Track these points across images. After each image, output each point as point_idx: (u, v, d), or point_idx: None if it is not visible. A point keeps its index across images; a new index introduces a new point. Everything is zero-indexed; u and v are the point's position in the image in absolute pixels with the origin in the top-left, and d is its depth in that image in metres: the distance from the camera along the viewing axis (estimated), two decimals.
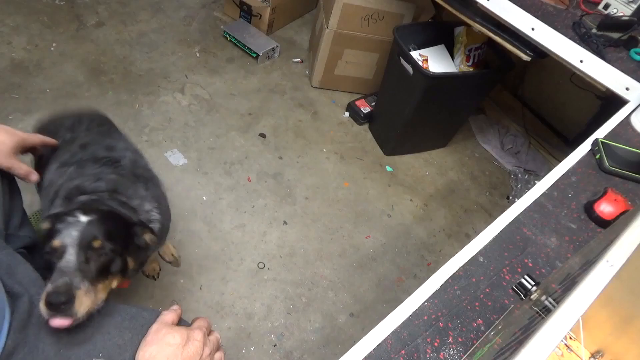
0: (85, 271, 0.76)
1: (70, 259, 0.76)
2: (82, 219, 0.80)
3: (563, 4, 1.42)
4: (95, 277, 0.77)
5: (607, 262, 0.46)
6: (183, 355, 0.66)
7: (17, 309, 0.65)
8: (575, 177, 0.97)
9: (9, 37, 2.07)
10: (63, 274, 0.74)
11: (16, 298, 0.67)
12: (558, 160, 1.15)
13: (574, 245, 0.83)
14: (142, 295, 1.45)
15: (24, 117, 1.78)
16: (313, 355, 1.42)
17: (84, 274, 0.75)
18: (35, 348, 0.64)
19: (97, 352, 0.67)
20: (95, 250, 0.78)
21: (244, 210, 1.74)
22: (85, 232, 0.78)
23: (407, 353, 0.64)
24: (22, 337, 0.63)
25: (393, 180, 2.02)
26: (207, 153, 1.88)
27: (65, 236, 0.77)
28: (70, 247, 0.76)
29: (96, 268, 0.78)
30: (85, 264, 0.77)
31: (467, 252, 0.79)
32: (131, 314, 0.73)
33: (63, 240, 0.77)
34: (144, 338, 0.68)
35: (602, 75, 1.22)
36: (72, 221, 0.79)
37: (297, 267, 1.62)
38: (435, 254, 1.79)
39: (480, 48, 1.90)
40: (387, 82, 2.01)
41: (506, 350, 0.49)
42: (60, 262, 0.75)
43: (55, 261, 0.76)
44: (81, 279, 0.74)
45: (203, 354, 0.68)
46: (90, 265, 0.77)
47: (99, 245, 0.79)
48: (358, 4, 1.99)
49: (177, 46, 2.30)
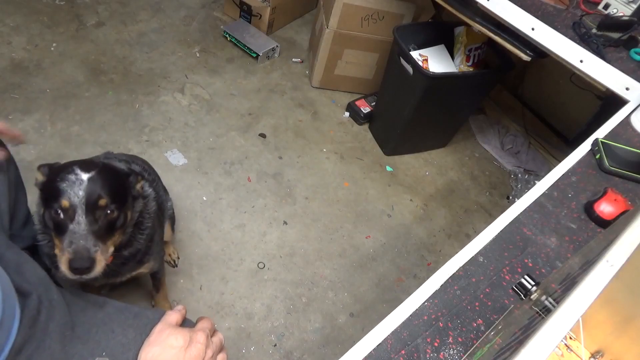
0: (96, 231, 0.80)
1: (81, 220, 0.79)
2: (83, 177, 0.82)
3: (563, 4, 1.42)
4: (104, 235, 0.82)
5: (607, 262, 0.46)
6: (185, 357, 0.66)
7: (27, 307, 0.66)
8: (575, 177, 0.97)
9: (9, 37, 2.07)
10: (77, 236, 0.78)
11: (25, 296, 0.67)
12: (558, 160, 1.15)
13: (574, 245, 0.83)
14: (142, 295, 1.45)
15: (23, 117, 1.78)
16: (313, 355, 1.42)
17: (96, 235, 0.80)
18: (42, 343, 0.64)
19: (101, 351, 0.67)
20: (102, 209, 0.82)
21: (244, 210, 1.74)
22: (89, 191, 0.81)
23: (407, 353, 0.64)
24: (31, 333, 0.64)
25: (393, 180, 2.02)
26: (207, 153, 1.88)
27: (72, 196, 0.80)
28: (79, 208, 0.79)
29: (105, 227, 0.82)
30: (95, 224, 0.81)
31: (467, 252, 0.79)
32: (135, 312, 0.74)
33: (71, 200, 0.79)
34: (147, 338, 0.69)
35: (602, 75, 1.22)
36: (75, 179, 0.81)
37: (297, 267, 1.63)
38: (435, 254, 1.79)
39: (480, 48, 1.90)
40: (387, 82, 2.01)
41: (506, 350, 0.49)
42: (72, 225, 0.79)
43: (66, 222, 0.79)
44: (94, 240, 0.79)
45: (205, 357, 0.68)
46: (99, 225, 0.81)
47: (104, 204, 0.82)
48: (358, 4, 1.99)
49: (177, 46, 2.30)
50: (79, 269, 0.77)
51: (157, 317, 0.72)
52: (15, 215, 1.00)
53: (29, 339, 0.63)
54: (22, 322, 0.63)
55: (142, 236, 1.01)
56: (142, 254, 1.05)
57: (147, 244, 1.04)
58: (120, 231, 0.89)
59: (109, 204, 0.83)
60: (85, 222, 0.79)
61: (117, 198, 0.85)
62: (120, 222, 0.88)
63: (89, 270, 0.78)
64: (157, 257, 1.16)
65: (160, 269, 1.25)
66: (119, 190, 0.88)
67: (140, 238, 1.00)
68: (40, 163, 0.91)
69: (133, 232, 0.98)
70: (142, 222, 1.01)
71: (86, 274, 0.78)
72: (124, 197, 0.89)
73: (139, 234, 1.00)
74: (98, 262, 0.79)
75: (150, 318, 0.73)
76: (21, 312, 0.65)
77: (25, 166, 1.62)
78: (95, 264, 0.78)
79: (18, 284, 0.67)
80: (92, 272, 0.78)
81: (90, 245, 0.79)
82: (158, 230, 1.12)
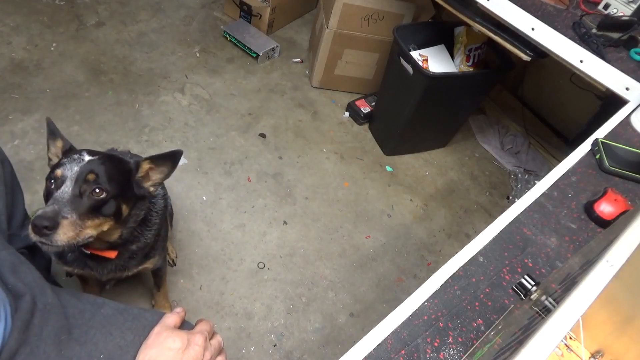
0: (77, 204, 0.81)
1: (66, 190, 0.81)
2: (85, 158, 0.86)
3: (563, 4, 1.42)
4: (85, 212, 0.81)
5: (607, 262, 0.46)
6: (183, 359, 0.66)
7: (20, 309, 0.65)
8: (575, 177, 0.97)
9: (9, 37, 2.07)
10: (55, 202, 0.79)
11: (19, 297, 0.67)
12: (558, 160, 1.15)
13: (574, 245, 0.83)
14: (142, 295, 1.45)
15: (23, 117, 1.78)
16: (313, 355, 1.42)
17: (75, 207, 0.80)
18: (36, 348, 0.63)
19: (99, 353, 0.67)
20: (89, 183, 0.83)
21: (244, 210, 1.74)
22: (84, 167, 0.84)
23: (407, 353, 0.64)
24: (25, 338, 0.63)
25: (393, 180, 2.02)
26: (207, 153, 1.88)
27: (66, 169, 0.83)
28: (69, 179, 0.82)
29: (88, 204, 0.82)
30: (79, 198, 0.82)
31: (467, 252, 0.79)
32: (133, 314, 0.73)
33: (64, 172, 0.83)
34: (145, 340, 0.68)
35: (602, 75, 1.22)
36: (77, 158, 0.86)
37: (297, 267, 1.63)
38: (435, 254, 1.79)
39: (480, 48, 1.90)
40: (387, 82, 2.01)
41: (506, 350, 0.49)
42: (57, 193, 0.81)
43: (53, 190, 0.82)
44: (71, 210, 0.79)
45: (204, 359, 0.68)
46: (82, 200, 0.82)
47: (92, 179, 0.83)
48: (358, 4, 1.99)
49: (177, 46, 2.30)
50: (38, 226, 0.75)
51: (155, 319, 0.72)
52: (13, 216, 1.00)
53: (22, 344, 0.62)
54: (16, 325, 0.63)
55: (149, 232, 1.02)
56: (150, 248, 1.07)
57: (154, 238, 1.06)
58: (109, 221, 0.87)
59: (97, 182, 0.83)
60: (70, 193, 0.80)
61: (111, 183, 0.85)
62: (109, 209, 0.86)
63: (48, 231, 0.75)
64: (162, 253, 1.18)
65: (163, 265, 1.26)
66: (116, 178, 0.87)
67: (148, 234, 1.02)
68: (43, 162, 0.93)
69: (141, 228, 1.00)
70: (150, 220, 1.03)
71: (45, 236, 0.75)
72: (121, 186, 0.88)
73: (146, 230, 1.02)
74: (62, 228, 0.77)
75: (149, 320, 0.72)
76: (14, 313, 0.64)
77: (25, 166, 1.62)
78: (57, 229, 0.76)
79: (12, 284, 0.67)
80: (53, 237, 0.76)
81: (61, 210, 0.78)
82: (164, 225, 1.14)
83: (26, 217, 1.08)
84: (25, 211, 1.09)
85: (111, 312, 0.73)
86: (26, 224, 1.07)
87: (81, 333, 0.69)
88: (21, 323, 0.63)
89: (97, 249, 0.96)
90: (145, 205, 0.99)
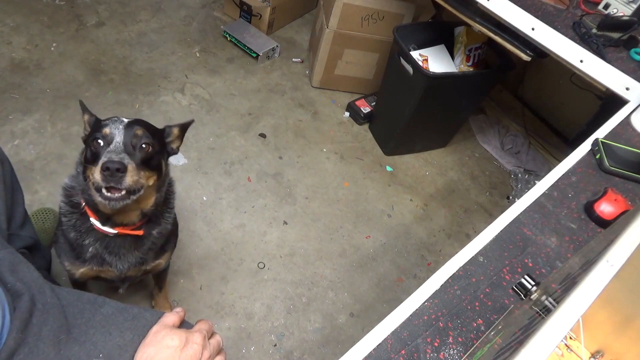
0: (132, 154, 0.87)
1: (119, 141, 0.87)
2: (124, 120, 0.92)
3: (563, 4, 1.42)
4: (139, 162, 0.87)
5: (607, 262, 0.46)
6: (181, 358, 0.65)
7: (19, 308, 0.65)
8: (575, 177, 0.97)
9: (9, 37, 2.07)
10: (113, 153, 0.84)
11: (17, 297, 0.67)
12: (558, 160, 1.15)
13: (574, 245, 0.83)
14: (142, 295, 1.45)
15: (23, 117, 1.78)
16: (313, 355, 1.42)
17: (131, 157, 0.86)
18: (35, 348, 0.63)
19: (98, 352, 0.67)
20: (138, 137, 0.89)
21: (244, 210, 1.74)
22: (128, 125, 0.90)
23: (407, 353, 0.64)
24: (23, 337, 0.63)
25: (393, 180, 2.02)
26: (207, 153, 1.88)
27: (113, 127, 0.89)
28: (117, 135, 0.88)
29: (141, 156, 0.88)
30: (131, 148, 0.88)
31: (467, 252, 0.79)
32: (133, 314, 0.73)
33: (111, 130, 0.88)
34: (143, 339, 0.68)
35: (602, 75, 1.22)
36: (117, 120, 0.91)
37: (297, 267, 1.62)
38: (435, 254, 1.79)
39: (480, 48, 1.90)
40: (387, 82, 2.01)
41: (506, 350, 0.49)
42: (110, 147, 0.86)
43: (104, 147, 0.86)
44: (131, 159, 0.85)
45: (202, 358, 0.68)
46: (135, 152, 0.88)
47: (141, 133, 0.89)
48: (358, 4, 1.99)
49: (177, 46, 2.30)
50: (110, 169, 0.79)
51: (155, 318, 0.72)
52: (13, 216, 0.99)
53: (21, 343, 0.62)
54: (14, 324, 0.62)
55: (169, 214, 1.06)
56: (165, 239, 1.09)
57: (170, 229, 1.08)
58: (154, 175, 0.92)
59: (145, 136, 0.90)
60: (122, 145, 0.86)
61: (153, 137, 0.92)
62: (155, 161, 0.92)
63: (120, 173, 0.80)
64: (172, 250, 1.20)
65: (167, 265, 1.27)
66: (155, 134, 0.94)
67: (168, 217, 1.05)
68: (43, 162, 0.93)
69: (162, 209, 1.04)
70: (170, 201, 1.07)
71: (116, 179, 0.80)
72: (159, 141, 0.95)
73: (166, 212, 1.05)
74: (129, 172, 0.82)
75: (149, 320, 0.72)
76: (13, 312, 0.64)
77: (25, 166, 1.62)
78: (126, 172, 0.81)
79: (11, 284, 0.67)
80: (123, 179, 0.81)
81: (124, 158, 0.83)
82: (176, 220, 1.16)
83: (26, 217, 1.08)
84: (25, 211, 1.09)
85: (111, 311, 0.73)
86: (27, 222, 1.08)
87: (80, 332, 0.69)
88: (20, 322, 0.63)
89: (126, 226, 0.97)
90: (168, 177, 1.04)
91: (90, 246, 0.99)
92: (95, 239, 0.98)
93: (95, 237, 0.98)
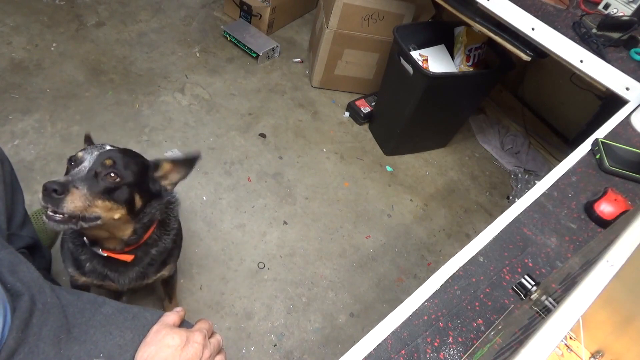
0: (90, 182, 0.83)
1: (83, 169, 0.84)
2: (107, 147, 0.90)
3: (563, 4, 1.42)
4: (97, 192, 0.83)
5: (607, 262, 0.46)
6: (181, 357, 0.65)
7: (19, 308, 0.65)
8: (575, 177, 0.97)
9: (9, 37, 2.07)
10: (70, 176, 0.82)
11: (17, 297, 0.67)
12: (558, 160, 1.15)
13: (574, 245, 0.83)
14: (142, 294, 1.45)
15: (23, 117, 1.78)
16: (313, 355, 1.42)
17: (89, 184, 0.82)
18: (35, 348, 0.63)
19: (98, 352, 0.67)
20: (105, 167, 0.85)
21: (244, 210, 1.74)
22: (103, 153, 0.88)
23: (407, 353, 0.64)
24: (24, 337, 0.63)
25: (393, 180, 2.02)
26: (207, 153, 1.88)
27: (87, 152, 0.87)
28: (87, 161, 0.85)
29: (102, 185, 0.84)
30: (93, 177, 0.84)
31: (467, 252, 0.79)
32: (133, 313, 0.73)
33: (84, 155, 0.87)
34: (143, 338, 0.68)
35: (602, 75, 1.22)
36: (99, 146, 0.90)
37: (297, 267, 1.62)
38: (435, 254, 1.79)
39: (480, 48, 1.90)
40: (387, 82, 2.01)
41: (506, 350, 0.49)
42: (74, 170, 0.84)
43: (71, 169, 0.85)
44: (83, 184, 0.81)
45: (202, 357, 0.68)
46: (97, 180, 0.84)
47: (109, 164, 0.86)
48: (358, 4, 1.99)
49: (177, 46, 2.30)
50: (47, 189, 0.76)
51: (155, 318, 0.72)
52: (13, 216, 1.00)
53: (21, 343, 0.62)
54: (14, 324, 0.62)
55: (168, 236, 1.04)
56: (167, 254, 1.08)
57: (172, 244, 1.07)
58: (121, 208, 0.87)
59: (114, 167, 0.86)
60: (85, 172, 0.83)
61: (127, 171, 0.87)
62: (122, 195, 0.87)
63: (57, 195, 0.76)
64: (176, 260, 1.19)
65: (175, 273, 1.27)
66: (133, 169, 0.89)
67: (167, 238, 1.04)
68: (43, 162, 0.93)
69: (160, 231, 1.02)
70: (169, 224, 1.05)
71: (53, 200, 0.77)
72: (136, 177, 0.90)
73: (165, 234, 1.03)
74: (71, 196, 0.78)
75: (149, 319, 0.72)
76: (12, 312, 0.64)
77: (25, 166, 1.62)
78: (66, 195, 0.78)
79: (11, 284, 0.67)
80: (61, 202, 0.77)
81: (75, 182, 0.80)
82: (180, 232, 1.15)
83: (26, 216, 1.08)
84: (25, 211, 1.09)
85: (111, 311, 0.73)
86: (27, 222, 1.08)
87: (81, 332, 0.69)
88: (20, 322, 0.63)
89: (113, 250, 0.96)
90: (161, 205, 0.99)
91: (87, 262, 0.99)
92: (91, 255, 0.99)
93: (92, 254, 0.98)
